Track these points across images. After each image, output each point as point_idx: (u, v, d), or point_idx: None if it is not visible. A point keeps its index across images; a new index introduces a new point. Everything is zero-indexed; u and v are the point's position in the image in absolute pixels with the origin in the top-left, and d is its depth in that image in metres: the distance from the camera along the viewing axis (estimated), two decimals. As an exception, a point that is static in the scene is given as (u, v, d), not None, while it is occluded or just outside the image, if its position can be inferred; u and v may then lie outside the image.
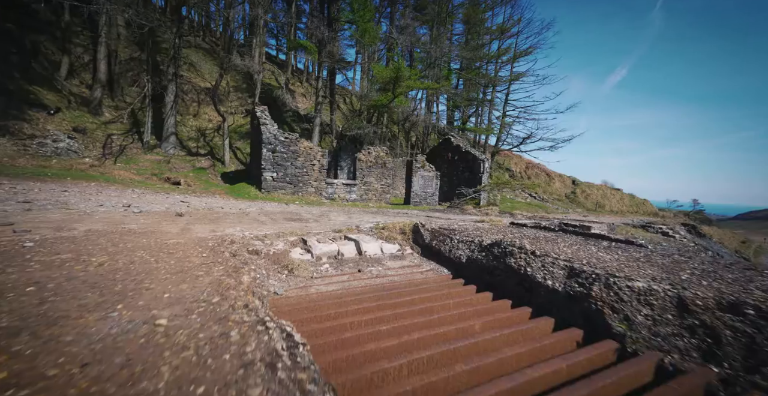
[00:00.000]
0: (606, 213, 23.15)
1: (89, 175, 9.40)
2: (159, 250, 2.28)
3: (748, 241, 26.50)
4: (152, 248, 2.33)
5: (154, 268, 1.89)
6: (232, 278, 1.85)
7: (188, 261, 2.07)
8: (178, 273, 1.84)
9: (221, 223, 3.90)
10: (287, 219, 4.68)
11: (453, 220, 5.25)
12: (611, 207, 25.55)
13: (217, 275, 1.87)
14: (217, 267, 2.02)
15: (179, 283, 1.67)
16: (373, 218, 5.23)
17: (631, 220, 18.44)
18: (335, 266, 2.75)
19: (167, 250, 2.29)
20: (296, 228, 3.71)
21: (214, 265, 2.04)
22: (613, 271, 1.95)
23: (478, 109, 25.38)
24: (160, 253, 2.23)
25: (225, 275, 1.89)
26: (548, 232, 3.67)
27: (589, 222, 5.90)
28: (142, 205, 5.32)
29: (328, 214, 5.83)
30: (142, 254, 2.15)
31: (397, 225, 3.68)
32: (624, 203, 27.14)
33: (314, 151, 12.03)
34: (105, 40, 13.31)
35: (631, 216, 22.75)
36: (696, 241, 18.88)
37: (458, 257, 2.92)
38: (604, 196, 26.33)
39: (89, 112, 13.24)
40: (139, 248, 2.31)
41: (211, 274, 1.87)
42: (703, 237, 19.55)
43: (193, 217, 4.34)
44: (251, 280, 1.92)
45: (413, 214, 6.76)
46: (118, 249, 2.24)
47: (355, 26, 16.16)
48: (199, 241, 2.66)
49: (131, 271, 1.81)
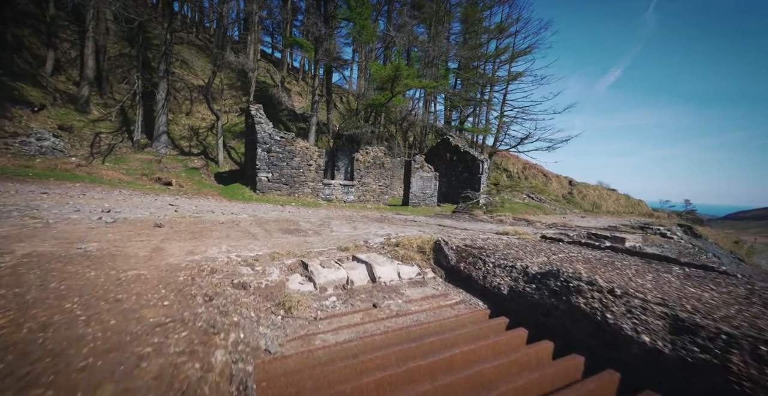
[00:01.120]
0: (603, 213, 23.20)
1: (75, 176, 8.98)
2: (103, 295, 1.64)
3: (741, 241, 26.85)
4: (95, 290, 1.69)
5: (76, 338, 1.25)
6: (196, 359, 1.24)
7: (137, 319, 1.46)
8: (109, 352, 1.19)
9: (205, 237, 3.31)
10: (283, 230, 4.14)
11: (472, 232, 4.74)
12: (607, 208, 25.64)
13: (173, 353, 1.24)
14: (178, 332, 1.40)
15: (100, 384, 1.03)
16: (381, 229, 4.69)
17: (628, 220, 18.48)
18: (344, 299, 2.25)
19: (114, 295, 1.65)
20: (294, 244, 3.18)
21: (174, 328, 1.42)
22: (743, 326, 1.34)
23: (476, 109, 25.24)
24: (102, 301, 1.58)
25: (187, 352, 1.26)
26: (595, 251, 3.12)
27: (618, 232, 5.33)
28: (124, 210, 4.93)
29: (328, 222, 5.27)
30: (71, 306, 1.50)
31: (413, 241, 3.18)
32: (620, 204, 27.27)
33: (311, 151, 11.71)
34: (93, 34, 12.82)
35: (627, 216, 22.81)
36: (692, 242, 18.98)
37: (496, 287, 2.38)
38: (600, 197, 26.40)
39: (76, 109, 12.75)
40: (76, 291, 1.65)
41: (164, 352, 1.24)
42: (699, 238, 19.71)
43: (174, 228, 3.78)
44: (228, 354, 1.35)
45: (422, 222, 6.20)
46: (41, 294, 1.58)
47: (352, 24, 15.85)
48: (167, 274, 2.06)
49: (29, 353, 1.12)
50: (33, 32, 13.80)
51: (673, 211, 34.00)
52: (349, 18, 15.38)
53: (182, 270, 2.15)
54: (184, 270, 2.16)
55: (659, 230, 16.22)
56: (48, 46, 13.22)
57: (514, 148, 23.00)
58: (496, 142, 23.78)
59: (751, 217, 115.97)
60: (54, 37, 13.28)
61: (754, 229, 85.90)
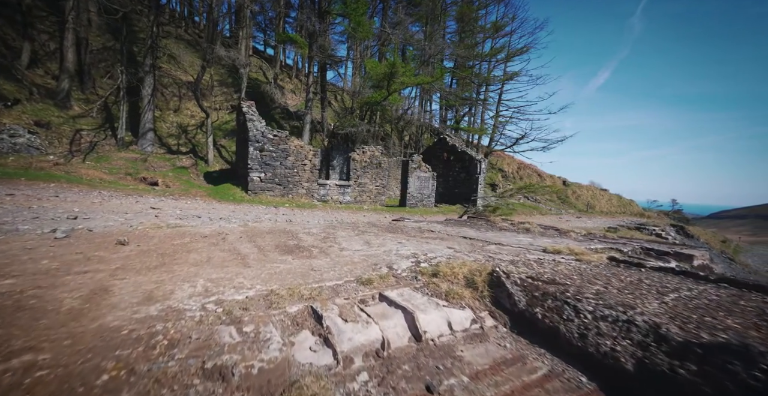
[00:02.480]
0: (597, 214, 23.35)
1: (51, 175, 8.37)
2: None
3: (728, 240, 27.48)
4: None
5: None
6: None
7: None
8: None
9: (177, 264, 2.47)
10: (281, 248, 3.23)
11: (511, 248, 3.62)
12: (601, 207, 25.86)
13: None
14: None
15: None
16: (401, 245, 3.69)
17: (622, 220, 18.59)
18: (380, 378, 1.44)
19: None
20: (297, 273, 2.41)
21: None
22: None
23: (472, 109, 25.13)
24: None
25: None
26: (707, 285, 2.34)
27: (679, 248, 4.16)
28: (95, 216, 4.32)
29: (333, 234, 4.26)
30: None
31: (456, 270, 2.41)
32: (612, 204, 27.56)
33: (305, 150, 11.30)
34: (73, 25, 12.10)
35: (620, 216, 23.01)
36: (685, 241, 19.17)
37: (609, 356, 1.56)
38: (593, 197, 26.63)
39: (55, 104, 12.02)
40: None
41: None
42: (691, 238, 19.98)
43: (141, 246, 2.89)
44: None
45: (440, 232, 4.87)
46: None
47: (347, 20, 15.46)
48: (90, 358, 1.21)
49: None
50: (7, 22, 12.97)
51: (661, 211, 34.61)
52: (345, 14, 14.99)
53: (121, 346, 1.30)
54: (124, 345, 1.30)
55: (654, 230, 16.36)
56: (24, 38, 12.44)
57: (509, 148, 22.97)
58: (491, 142, 23.70)
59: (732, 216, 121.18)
60: (30, 28, 12.52)
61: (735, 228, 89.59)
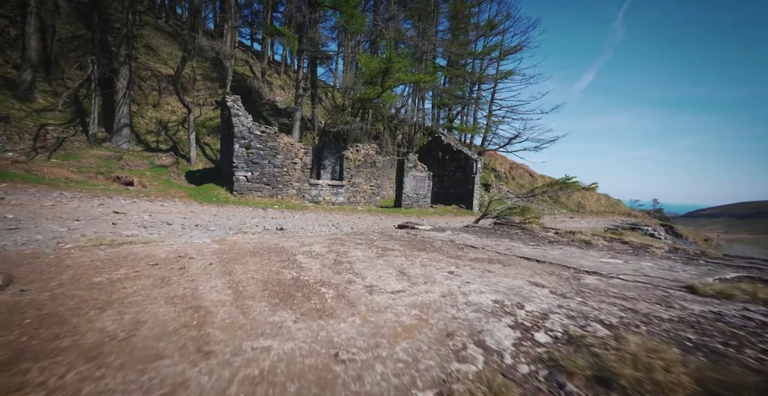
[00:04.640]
0: (588, 213, 23.55)
1: (6, 174, 7.43)
2: None
3: (709, 238, 28.35)
4: None
5: None
6: None
7: None
8: None
9: (49, 353, 1.17)
10: (273, 294, 1.92)
11: (619, 281, 2.54)
12: (591, 207, 26.14)
13: None
14: None
15: None
16: (454, 278, 2.48)
17: (614, 220, 18.71)
18: None
19: None
20: (307, 371, 1.13)
21: None
22: None
23: (465, 108, 24.89)
24: None
25: None
26: None
27: None
28: (26, 227, 3.45)
29: (345, 254, 3.13)
30: None
31: (658, 371, 1.08)
32: (601, 203, 27.93)
33: (296, 148, 10.63)
34: (36, 10, 11.00)
35: (610, 216, 23.28)
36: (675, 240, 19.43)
37: None
38: (584, 197, 26.87)
39: (15, 96, 10.91)
40: None
41: None
42: (680, 237, 20.26)
43: (28, 293, 1.74)
44: None
45: (479, 246, 3.79)
46: None
47: (339, 12, 14.82)
48: None
49: None
50: (-39, 5, 11.73)
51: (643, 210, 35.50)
52: (336, 6, 14.35)
53: None
54: None
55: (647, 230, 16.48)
56: (-20, 22, 11.26)
57: (503, 147, 22.84)
58: (484, 141, 23.52)
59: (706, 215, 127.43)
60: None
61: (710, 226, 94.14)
